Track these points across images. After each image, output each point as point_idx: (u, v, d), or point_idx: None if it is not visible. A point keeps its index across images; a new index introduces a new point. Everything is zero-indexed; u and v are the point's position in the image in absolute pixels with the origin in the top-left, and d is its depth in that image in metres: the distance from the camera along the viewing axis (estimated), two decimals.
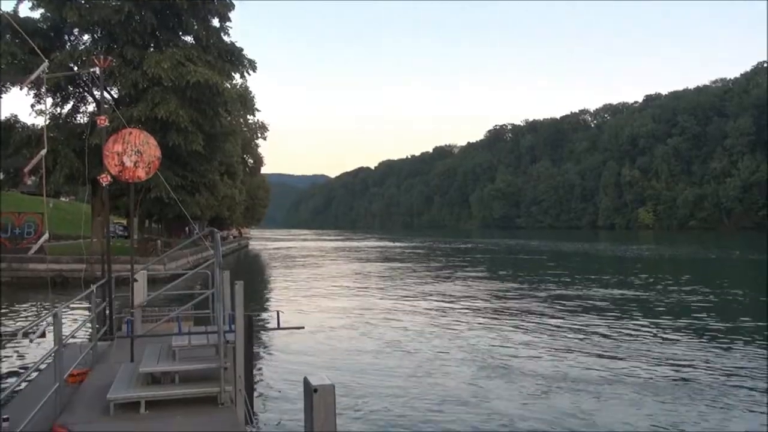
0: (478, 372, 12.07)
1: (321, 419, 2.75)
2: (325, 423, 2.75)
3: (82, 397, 7.21)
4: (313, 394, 2.76)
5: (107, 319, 10.43)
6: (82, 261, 27.38)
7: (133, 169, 7.97)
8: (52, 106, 34.97)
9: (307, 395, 2.85)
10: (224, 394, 6.66)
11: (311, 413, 2.75)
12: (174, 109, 29.76)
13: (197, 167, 33.49)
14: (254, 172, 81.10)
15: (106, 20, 30.70)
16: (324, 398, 2.77)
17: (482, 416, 9.26)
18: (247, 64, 36.94)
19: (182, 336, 7.50)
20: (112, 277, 10.64)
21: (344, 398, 9.20)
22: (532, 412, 9.44)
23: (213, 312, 10.22)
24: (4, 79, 26.50)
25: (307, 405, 2.89)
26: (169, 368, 6.88)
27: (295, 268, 43.79)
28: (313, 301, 24.10)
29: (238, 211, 63.00)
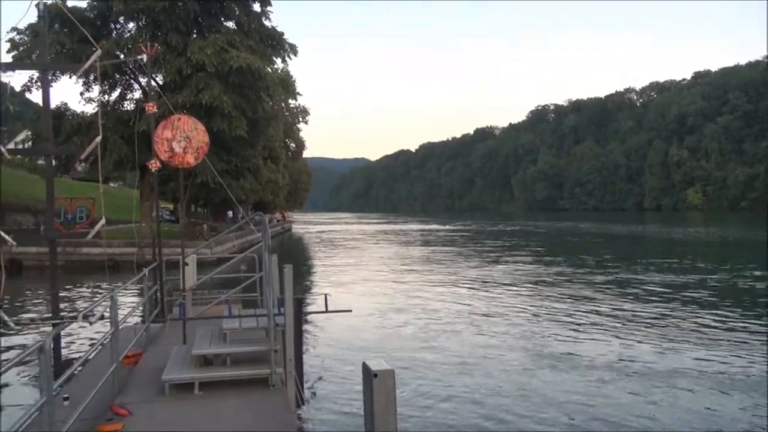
0: (530, 360, 11.82)
1: (381, 404, 2.72)
2: (385, 408, 2.73)
3: (137, 377, 7.39)
4: (373, 379, 2.73)
5: (158, 301, 10.65)
6: (133, 245, 28.02)
7: (182, 154, 8.07)
8: (100, 94, 35.75)
9: (367, 380, 2.84)
10: (275, 376, 6.73)
11: (371, 398, 2.73)
12: (218, 95, 30.10)
13: (241, 152, 33.88)
14: (296, 157, 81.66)
15: (151, 8, 31.17)
16: (384, 383, 2.75)
17: (534, 407, 9.02)
18: (288, 48, 37.14)
19: (233, 319, 7.60)
20: (162, 261, 10.86)
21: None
22: (587, 406, 9.09)
23: (261, 295, 10.36)
24: (57, 68, 27.11)
25: (366, 390, 2.87)
26: (220, 350, 6.98)
27: (339, 252, 44.08)
28: (359, 284, 24.19)
29: (281, 195, 63.59)
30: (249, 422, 5.89)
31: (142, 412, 6.05)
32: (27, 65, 26.06)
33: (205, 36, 32.18)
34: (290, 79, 42.77)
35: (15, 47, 32.38)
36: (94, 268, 27.99)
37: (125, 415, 5.82)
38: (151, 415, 6.03)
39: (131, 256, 29.02)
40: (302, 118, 77.18)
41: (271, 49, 36.19)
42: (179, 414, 6.11)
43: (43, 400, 4.27)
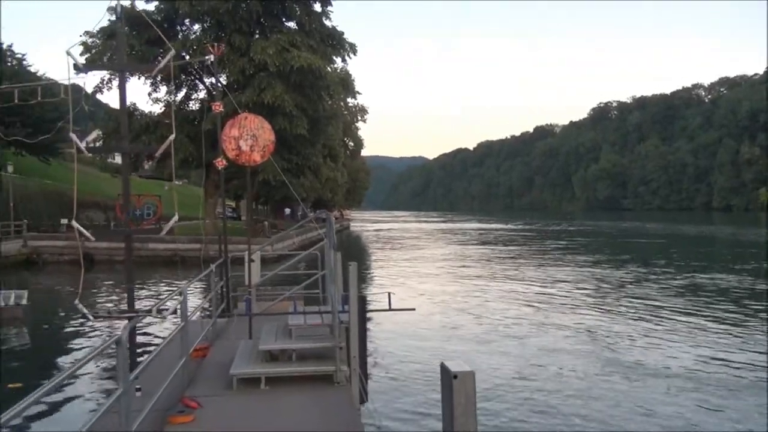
0: (598, 365, 11.47)
1: (461, 405, 2.67)
2: (465, 410, 2.68)
3: (206, 371, 7.55)
4: (453, 381, 2.69)
5: (224, 297, 10.87)
6: (197, 241, 28.77)
7: (249, 152, 8.20)
8: (167, 94, 36.87)
9: (446, 381, 2.79)
10: (339, 373, 6.76)
11: (451, 400, 2.69)
12: (279, 94, 30.58)
13: (302, 150, 34.33)
14: (354, 155, 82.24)
15: (215, 9, 31.91)
16: (464, 385, 2.70)
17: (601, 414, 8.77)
18: (347, 47, 37.39)
19: (298, 315, 7.68)
20: (228, 257, 11.09)
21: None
22: (656, 416, 8.74)
23: (322, 292, 10.45)
24: (134, 69, 27.89)
25: (445, 391, 2.82)
26: (286, 346, 7.06)
27: (398, 250, 44.14)
28: (420, 283, 24.09)
29: (339, 193, 64.19)
30: (315, 418, 5.94)
31: (211, 405, 6.17)
32: (105, 66, 27.03)
33: (267, 36, 32.75)
34: (350, 78, 43.08)
35: (87, 50, 33.71)
36: (159, 263, 28.90)
37: (196, 408, 5.94)
38: (220, 408, 6.15)
39: (196, 252, 29.94)
40: (361, 116, 77.71)
41: (331, 49, 36.52)
42: (247, 408, 6.21)
43: (120, 391, 4.38)
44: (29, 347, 14.05)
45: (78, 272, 28.10)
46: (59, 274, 27.90)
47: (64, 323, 16.38)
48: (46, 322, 16.65)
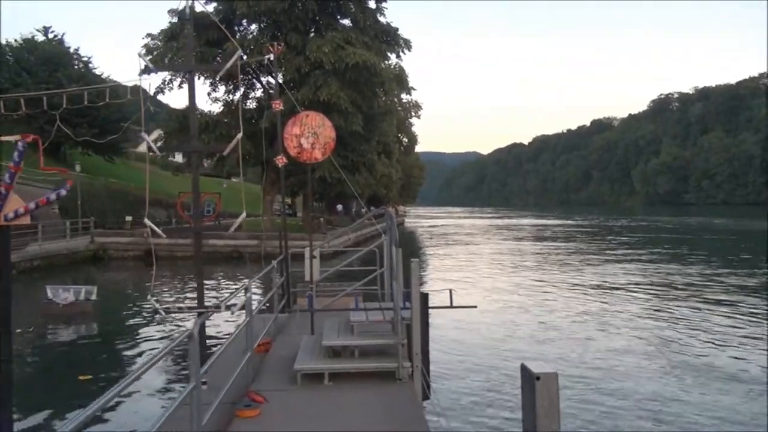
0: (668, 368, 11.07)
1: (544, 407, 2.62)
2: (548, 411, 2.62)
3: (269, 365, 7.66)
4: (536, 382, 2.63)
5: (285, 292, 11.01)
6: (255, 237, 29.26)
7: (310, 150, 8.27)
8: (225, 94, 37.61)
9: (527, 383, 2.74)
10: (402, 369, 6.76)
11: (533, 402, 2.63)
12: (335, 91, 30.79)
13: (357, 147, 34.50)
14: (408, 151, 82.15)
15: (272, 9, 32.35)
16: (547, 386, 2.64)
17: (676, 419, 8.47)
18: (402, 43, 37.35)
19: (359, 311, 7.71)
20: (288, 253, 11.23)
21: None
22: (731, 421, 8.41)
23: (381, 289, 10.47)
24: (202, 69, 28.37)
25: (526, 393, 2.77)
26: (349, 342, 7.09)
27: (453, 246, 43.91)
28: (479, 279, 23.85)
29: (394, 189, 64.23)
30: (378, 414, 5.95)
31: (276, 399, 6.25)
32: (175, 67, 27.78)
33: (322, 34, 33.01)
34: (404, 74, 43.02)
35: (149, 52, 34.68)
36: (220, 260, 29.52)
37: (262, 402, 6.03)
38: (284, 403, 6.23)
39: (254, 248, 30.47)
40: (415, 112, 77.49)
41: (385, 45, 36.56)
42: (311, 403, 6.27)
43: (192, 385, 4.48)
44: (98, 341, 14.55)
45: (141, 268, 29.03)
46: (124, 270, 28.84)
47: (130, 317, 16.91)
48: (113, 316, 17.22)
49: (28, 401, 9.57)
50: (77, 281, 20.46)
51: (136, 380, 3.45)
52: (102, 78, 50.54)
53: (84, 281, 20.25)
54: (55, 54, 48.34)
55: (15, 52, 47.90)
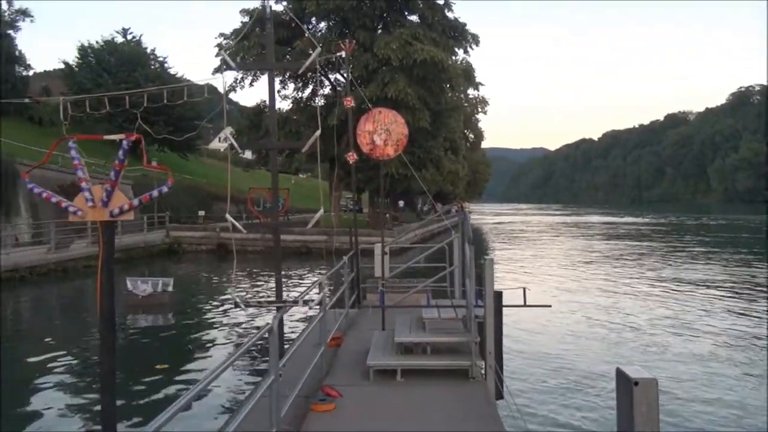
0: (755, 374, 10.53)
1: (643, 414, 2.53)
2: (647, 419, 2.53)
3: (341, 360, 7.74)
4: (634, 388, 2.54)
5: (355, 288, 11.11)
6: (324, 233, 29.64)
7: (383, 146, 8.29)
8: (294, 91, 38.20)
9: (623, 388, 2.65)
10: (475, 368, 6.71)
11: (630, 408, 2.55)
12: (402, 88, 30.81)
13: (424, 143, 34.43)
14: (475, 147, 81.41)
15: (340, 7, 32.65)
16: (646, 392, 2.55)
17: None
18: (470, 38, 37.04)
19: (431, 308, 7.69)
20: (358, 249, 11.32)
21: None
22: None
23: (450, 286, 10.42)
24: (282, 67, 28.84)
25: (623, 399, 2.68)
26: (421, 339, 7.08)
27: (520, 244, 43.25)
28: (549, 278, 23.31)
29: (460, 186, 63.80)
30: (451, 412, 5.92)
31: (350, 394, 6.31)
32: (256, 65, 28.40)
33: (390, 31, 33.07)
34: (471, 70, 42.68)
35: (222, 51, 35.59)
36: (290, 254, 30.04)
37: (336, 397, 6.10)
38: (358, 398, 6.28)
39: (322, 244, 30.91)
40: (481, 108, 76.69)
41: (453, 41, 36.33)
42: (384, 398, 6.30)
43: (271, 378, 4.58)
44: (174, 331, 15.07)
45: (213, 261, 29.82)
46: (197, 263, 29.75)
47: (204, 309, 17.45)
48: (189, 307, 17.79)
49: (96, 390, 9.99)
50: (153, 273, 21.22)
51: (221, 373, 3.54)
52: (176, 77, 52.30)
53: (160, 273, 20.98)
54: (134, 55, 50.31)
55: (96, 53, 50.09)
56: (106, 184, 2.37)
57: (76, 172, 2.47)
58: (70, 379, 10.67)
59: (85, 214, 2.42)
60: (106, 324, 2.43)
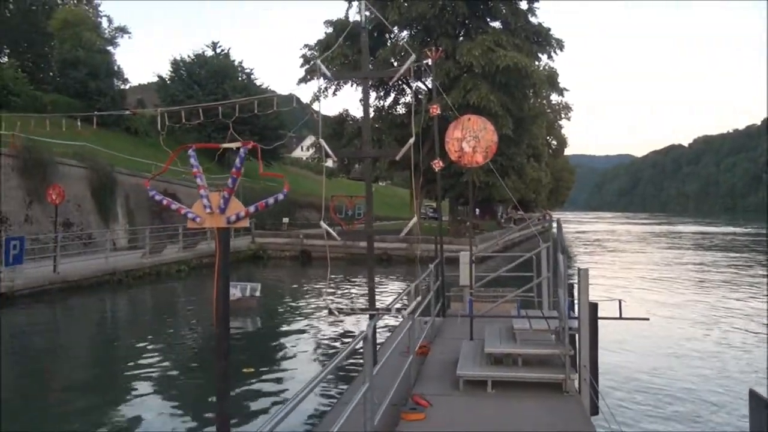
0: None
1: None
2: None
3: (430, 369, 7.68)
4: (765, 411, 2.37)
5: (440, 296, 11.04)
6: (404, 241, 29.67)
7: (472, 153, 8.21)
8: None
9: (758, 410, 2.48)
10: (569, 382, 6.51)
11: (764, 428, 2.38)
12: (485, 95, 30.55)
13: (506, 151, 33.95)
14: (558, 154, 79.73)
15: (422, 15, 32.71)
16: None
17: None
18: (554, 43, 36.31)
19: (522, 319, 7.53)
20: (443, 257, 11.24)
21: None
22: None
23: (538, 296, 10.18)
24: (377, 75, 29.06)
25: (756, 420, 2.51)
26: (513, 350, 6.94)
27: (607, 253, 41.85)
28: (640, 290, 22.30)
29: (543, 194, 62.57)
30: (545, 427, 5.75)
31: (439, 404, 6.25)
32: (350, 74, 29.01)
33: (472, 38, 32.86)
34: (555, 75, 41.82)
35: (306, 62, 36.45)
36: None
37: (426, 406, 6.05)
38: (448, 408, 6.20)
39: (402, 251, 30.97)
40: (564, 114, 75.09)
41: (537, 46, 35.73)
42: (474, 410, 6.20)
43: (366, 386, 4.57)
44: (260, 335, 15.42)
45: (297, 267, 30.38)
46: (281, 269, 30.41)
47: (289, 314, 17.79)
48: (275, 312, 18.19)
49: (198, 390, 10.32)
50: (240, 278, 21.83)
51: (321, 381, 3.56)
52: (262, 88, 53.87)
53: (246, 278, 21.56)
54: (222, 67, 52.19)
55: (188, 66, 52.29)
56: (223, 191, 2.43)
57: (195, 180, 2.55)
58: (168, 380, 11.09)
59: (203, 221, 2.50)
60: (221, 329, 2.49)
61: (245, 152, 2.52)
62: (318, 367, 11.51)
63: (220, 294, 2.48)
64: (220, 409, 2.60)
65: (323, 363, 11.83)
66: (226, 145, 2.55)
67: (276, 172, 44.31)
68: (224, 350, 2.53)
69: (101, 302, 19.85)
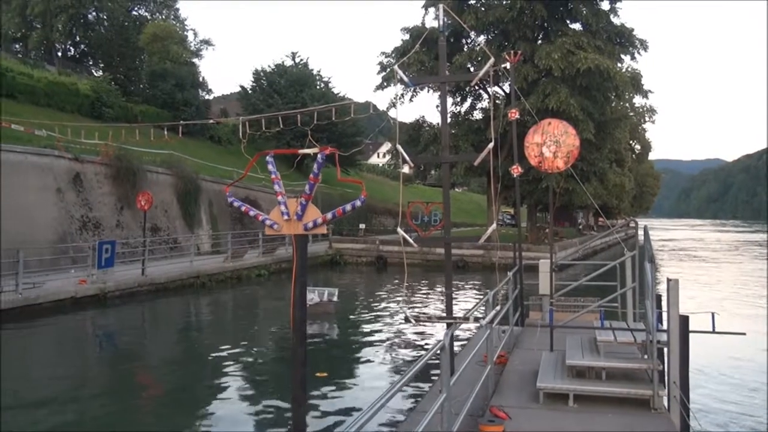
0: None
1: None
2: None
3: (508, 379, 7.49)
4: None
5: (519, 305, 10.78)
6: (480, 247, 29.31)
7: (552, 159, 7.97)
8: (452, 105, 38.28)
9: None
10: (658, 398, 6.18)
11: None
12: (564, 99, 29.83)
13: (587, 156, 33.00)
14: (641, 159, 76.89)
15: (500, 19, 32.30)
16: None
17: None
18: (638, 44, 35.07)
19: (606, 331, 7.22)
20: (522, 264, 10.98)
21: None
22: None
23: (622, 307, 9.76)
24: (454, 79, 28.97)
25: None
26: (596, 363, 6.66)
27: (696, 263, 39.93)
28: (735, 303, 21.12)
29: (626, 200, 60.39)
30: None
31: (518, 417, 6.06)
32: (428, 79, 29.10)
33: (551, 41, 32.17)
34: (639, 77, 40.27)
35: (383, 69, 36.68)
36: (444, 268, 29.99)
37: (505, 419, 5.88)
38: (527, 421, 6.01)
39: (477, 258, 30.60)
40: (649, 117, 72.25)
41: (619, 47, 34.61)
42: (556, 424, 5.97)
43: (444, 395, 4.48)
44: (336, 340, 15.53)
45: (372, 273, 30.52)
46: (357, 274, 30.64)
47: (365, 320, 17.84)
48: (351, 317, 18.30)
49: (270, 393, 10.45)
50: (317, 283, 22.14)
51: (400, 390, 3.49)
52: (339, 96, 54.67)
53: (323, 283, 21.84)
54: (301, 76, 53.30)
55: (268, 77, 53.70)
56: (301, 197, 2.41)
57: (273, 186, 2.55)
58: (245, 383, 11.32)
59: (280, 228, 2.49)
60: (298, 336, 2.47)
61: (323, 158, 2.49)
62: (392, 374, 11.46)
63: (296, 301, 2.46)
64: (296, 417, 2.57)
65: (397, 370, 11.77)
66: (304, 150, 2.54)
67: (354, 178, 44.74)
68: (301, 358, 2.51)
69: (186, 305, 20.56)
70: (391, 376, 11.29)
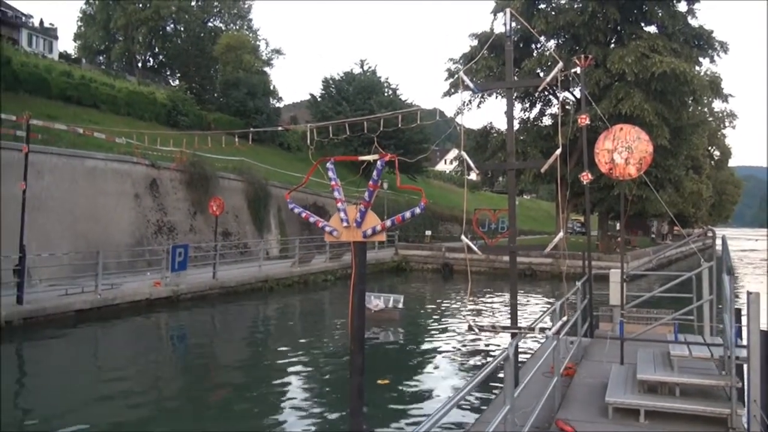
0: None
1: None
2: None
3: (575, 392, 7.28)
4: None
5: (588, 315, 10.49)
6: (549, 256, 28.74)
7: (624, 165, 7.72)
8: (521, 111, 37.76)
9: None
10: (736, 417, 5.87)
11: None
12: (638, 104, 28.92)
13: (662, 162, 31.85)
14: (721, 166, 73.67)
15: (571, 23, 31.65)
16: None
17: None
18: (717, 46, 33.67)
19: (680, 345, 6.92)
20: (591, 274, 10.68)
21: None
22: None
23: (698, 320, 9.34)
24: (522, 84, 28.86)
25: None
26: (669, 379, 6.39)
27: None
28: None
29: (704, 208, 57.95)
30: None
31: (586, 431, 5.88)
32: (495, 85, 28.98)
33: (624, 44, 31.28)
34: (718, 81, 38.57)
35: (451, 75, 36.54)
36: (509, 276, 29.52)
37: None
38: None
39: (546, 267, 29.99)
40: (729, 122, 69.20)
41: (697, 50, 33.31)
42: None
43: (507, 407, 4.38)
44: (400, 347, 15.51)
45: (438, 280, 30.34)
46: (423, 281, 30.55)
47: (430, 328, 17.75)
48: (416, 325, 18.26)
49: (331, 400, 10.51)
50: (382, 289, 22.21)
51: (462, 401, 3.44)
52: (407, 103, 54.86)
53: (388, 290, 21.88)
54: (369, 83, 53.78)
55: (337, 84, 54.47)
56: (360, 204, 2.41)
57: (333, 192, 2.57)
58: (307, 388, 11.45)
59: (340, 234, 2.50)
60: (356, 344, 2.46)
61: (383, 165, 2.48)
62: (454, 383, 11.34)
63: (355, 309, 2.46)
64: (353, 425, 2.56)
65: (460, 379, 11.65)
66: (364, 157, 2.54)
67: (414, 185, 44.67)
68: (359, 366, 2.50)
69: (254, 308, 21.00)
70: (455, 385, 11.19)
